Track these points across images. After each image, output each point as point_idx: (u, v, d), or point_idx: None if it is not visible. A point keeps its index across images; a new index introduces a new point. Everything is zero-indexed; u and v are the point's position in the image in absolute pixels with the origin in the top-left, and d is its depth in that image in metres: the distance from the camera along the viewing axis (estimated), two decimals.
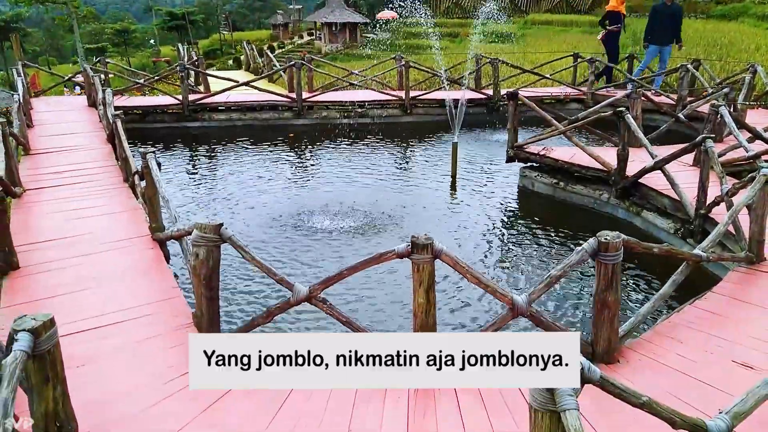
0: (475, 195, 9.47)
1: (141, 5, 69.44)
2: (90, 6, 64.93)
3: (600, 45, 16.33)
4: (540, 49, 30.12)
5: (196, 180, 10.77)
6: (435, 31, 36.55)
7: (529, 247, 7.41)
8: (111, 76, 16.12)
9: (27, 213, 6.89)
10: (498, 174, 10.36)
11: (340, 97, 14.14)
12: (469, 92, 13.71)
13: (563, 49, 28.17)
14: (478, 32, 40.79)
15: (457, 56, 23.30)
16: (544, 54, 22.41)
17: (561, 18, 38.11)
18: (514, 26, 39.39)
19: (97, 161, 8.97)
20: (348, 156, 11.97)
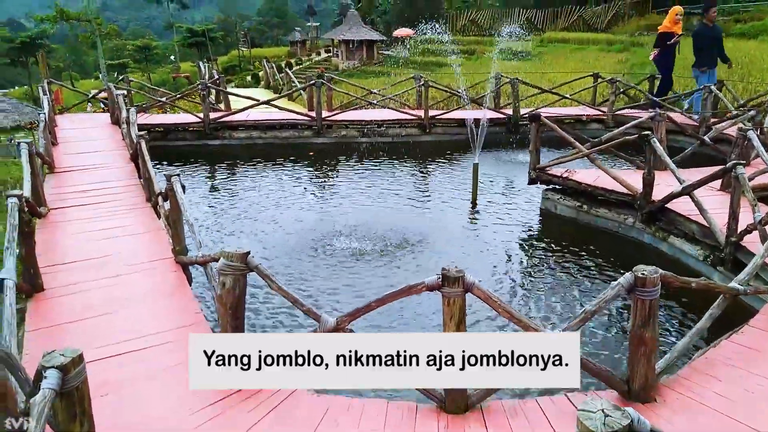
0: (496, 217, 9.35)
1: (162, 22, 70.42)
2: (112, 23, 66.07)
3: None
4: (557, 67, 30.04)
5: (216, 198, 10.77)
6: (455, 49, 36.69)
7: (553, 273, 7.28)
8: (136, 91, 16.29)
9: (52, 233, 6.90)
10: (519, 196, 10.24)
11: (359, 116, 14.15)
12: (488, 112, 13.64)
13: (580, 67, 28.06)
14: (494, 50, 40.83)
15: (474, 75, 23.27)
16: (562, 73, 22.30)
17: (577, 36, 38.01)
18: (531, 44, 39.43)
19: (120, 180, 9.00)
20: (367, 175, 11.93)
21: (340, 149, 13.62)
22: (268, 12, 76.05)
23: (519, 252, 8.11)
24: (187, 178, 11.79)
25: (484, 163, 12.14)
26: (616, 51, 33.73)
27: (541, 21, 42.91)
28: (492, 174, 11.62)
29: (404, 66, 42.29)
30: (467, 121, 11.50)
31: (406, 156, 13.08)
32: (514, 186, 10.90)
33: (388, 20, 50.62)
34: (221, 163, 12.96)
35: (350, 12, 47.92)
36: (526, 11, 43.90)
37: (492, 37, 42.78)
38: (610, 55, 33.06)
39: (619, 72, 25.06)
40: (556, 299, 6.53)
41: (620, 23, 38.94)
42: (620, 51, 33.55)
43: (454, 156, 13.10)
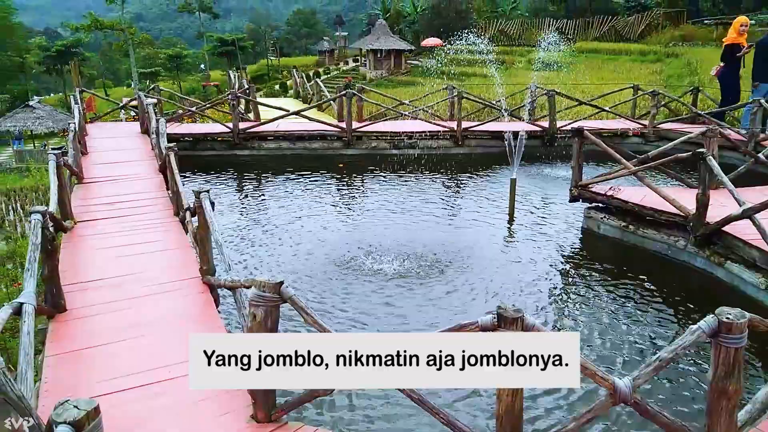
0: (535, 236, 8.90)
1: (193, 31, 71.40)
2: (146, 32, 67.11)
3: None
4: (589, 78, 29.42)
5: (244, 209, 10.53)
6: (493, 58, 36.21)
7: (598, 300, 6.81)
8: (166, 100, 16.22)
9: (76, 248, 6.67)
10: (559, 213, 9.77)
11: (389, 127, 13.82)
12: (524, 124, 13.22)
13: (613, 78, 27.43)
14: (527, 59, 40.32)
15: (508, 87, 22.84)
16: (596, 84, 21.73)
17: (609, 46, 37.30)
18: (562, 54, 38.83)
19: (148, 192, 8.78)
20: (398, 189, 11.58)
21: (370, 161, 13.30)
22: (297, 22, 76.55)
23: (559, 274, 7.65)
24: (214, 189, 11.62)
25: (520, 178, 11.69)
26: (650, 61, 32.98)
27: (572, 31, 42.24)
28: (528, 189, 11.18)
29: (432, 76, 42.12)
30: (506, 134, 11.08)
31: (438, 169, 12.70)
32: (552, 202, 10.43)
33: (417, 30, 50.41)
34: (250, 173, 12.74)
35: (378, 22, 47.87)
36: (556, 21, 43.32)
37: (522, 47, 42.33)
38: (644, 65, 32.33)
39: (655, 83, 24.39)
40: (605, 334, 6.04)
41: (654, 33, 38.11)
42: (654, 61, 32.80)
43: (488, 170, 12.68)
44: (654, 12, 39.34)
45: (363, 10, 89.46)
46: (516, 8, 48.36)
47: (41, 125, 34.37)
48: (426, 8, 49.86)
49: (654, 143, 12.76)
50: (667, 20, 38.56)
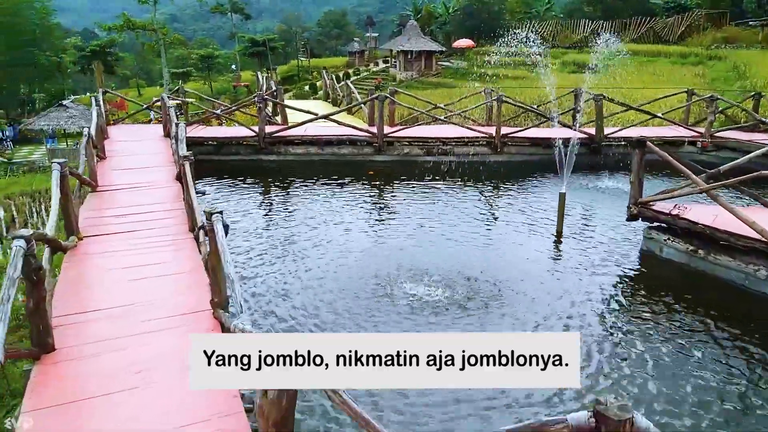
0: (586, 258, 7.89)
1: (225, 32, 71.31)
2: (180, 33, 67.22)
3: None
4: (628, 81, 28.07)
5: (268, 220, 9.74)
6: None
7: (663, 337, 5.81)
8: (191, 101, 15.55)
9: (79, 267, 5.92)
10: (613, 232, 8.72)
11: (423, 132, 12.88)
12: (568, 131, 12.17)
13: (654, 81, 26.03)
14: (559, 62, 39.03)
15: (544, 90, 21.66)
16: (639, 88, 20.43)
17: (648, 48, 35.72)
18: (597, 56, 37.33)
19: (163, 203, 8.01)
20: (431, 200, 10.65)
21: (401, 168, 12.41)
22: (328, 23, 75.95)
23: (615, 304, 6.67)
24: (238, 197, 10.87)
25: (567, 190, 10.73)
26: (691, 64, 31.41)
27: (608, 33, 40.69)
28: (576, 202, 10.15)
29: (465, 77, 40.98)
30: (555, 141, 10.02)
31: (474, 178, 11.74)
32: (604, 219, 9.37)
33: (448, 31, 49.38)
34: (275, 180, 11.95)
35: (410, 23, 46.97)
36: (592, 22, 41.85)
37: (555, 49, 40.93)
38: (685, 68, 30.80)
39: (699, 87, 22.99)
40: (670, 378, 5.07)
41: (694, 35, 36.42)
42: (695, 64, 31.22)
43: (529, 180, 11.67)
44: (695, 13, 37.66)
45: (393, 11, 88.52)
46: (550, 9, 46.98)
47: (74, 124, 34.24)
48: (458, 9, 48.77)
49: (712, 153, 11.64)
50: (708, 22, 36.86)
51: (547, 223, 9.11)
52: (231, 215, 9.83)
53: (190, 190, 6.69)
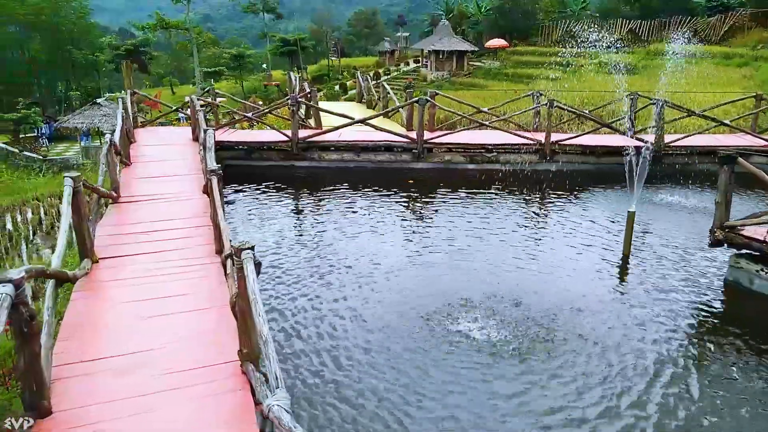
0: (659, 288, 6.82)
1: (257, 32, 70.90)
2: (213, 32, 67.09)
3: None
4: (673, 83, 26.59)
5: (298, 230, 8.89)
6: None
7: (751, 385, 4.77)
8: (221, 103, 14.78)
9: (89, 300, 5.09)
10: (689, 257, 7.60)
11: (465, 138, 11.85)
12: (624, 138, 11.05)
13: (700, 84, 24.51)
14: (595, 62, 37.52)
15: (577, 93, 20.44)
16: (687, 92, 19.05)
17: (689, 49, 34.01)
18: (635, 56, 35.72)
19: (189, 219, 7.18)
20: (476, 213, 9.64)
21: (442, 177, 11.43)
22: (358, 23, 75.10)
23: (695, 345, 5.62)
24: (268, 205, 10.04)
25: (622, 203, 9.63)
26: (736, 65, 29.74)
27: (646, 32, 39.07)
28: (639, 219, 9.04)
29: (495, 78, 39.71)
30: (627, 149, 8.84)
31: (523, 189, 10.71)
32: (676, 240, 8.22)
33: (480, 30, 48.09)
34: (308, 188, 11.09)
35: (442, 23, 45.88)
36: (629, 22, 40.19)
37: (592, 50, 39.37)
38: (730, 69, 29.16)
39: (749, 90, 21.46)
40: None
41: (738, 36, 34.58)
42: (740, 65, 29.56)
43: (583, 191, 10.57)
44: (739, 13, 35.81)
45: (423, 10, 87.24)
46: (585, 8, 45.36)
47: (107, 122, 34.08)
48: (490, 9, 47.44)
49: None
50: (753, 21, 34.99)
51: (609, 244, 8.05)
52: (260, 228, 9.01)
53: (217, 209, 5.82)
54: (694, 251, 7.62)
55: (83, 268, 5.47)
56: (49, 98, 49.07)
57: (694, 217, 9.00)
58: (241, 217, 9.43)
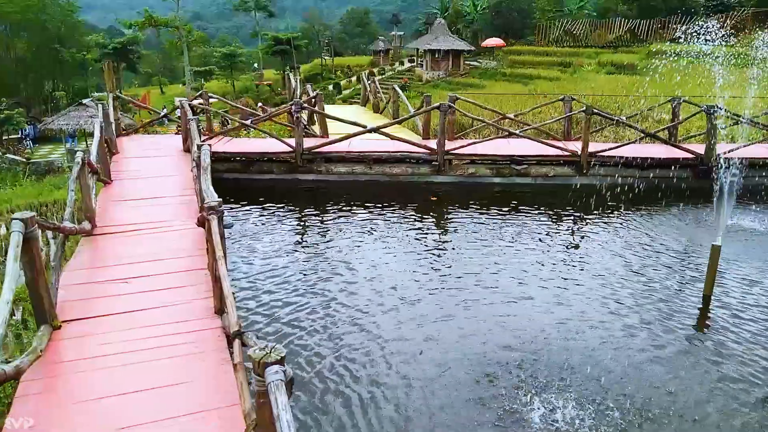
0: (751, 336, 5.45)
1: (248, 30, 68.98)
2: (203, 30, 65.10)
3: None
4: (670, 82, 25.32)
5: (300, 257, 7.45)
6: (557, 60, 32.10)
7: None
8: (213, 101, 13.23)
9: (40, 401, 3.61)
10: None
11: (491, 148, 10.38)
12: (669, 148, 9.68)
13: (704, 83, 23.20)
14: (594, 62, 36.16)
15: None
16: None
17: (690, 48, 32.84)
18: (636, 56, 34.50)
19: (180, 259, 5.69)
20: (504, 237, 8.18)
21: (467, 192, 10.00)
22: (350, 21, 73.42)
23: None
24: (271, 224, 8.57)
25: (684, 226, 8.26)
26: (741, 66, 28.63)
27: (645, 32, 37.87)
28: (697, 244, 7.66)
29: (492, 77, 38.35)
30: (718, 165, 7.31)
31: (556, 206, 9.32)
32: (760, 272, 6.84)
33: (476, 30, 46.72)
34: (314, 204, 9.61)
35: (437, 21, 44.41)
36: (628, 21, 38.98)
37: (590, 49, 38.12)
38: (736, 69, 27.98)
39: None
40: None
41: (740, 35, 33.47)
42: (746, 65, 28.45)
43: (629, 210, 9.15)
44: (740, 12, 34.71)
45: (416, 9, 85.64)
46: (583, 7, 44.10)
47: (93, 124, 32.37)
48: (486, 7, 46.07)
49: None
50: (755, 21, 33.91)
51: (678, 279, 6.66)
52: (263, 255, 7.56)
53: (217, 259, 4.34)
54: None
55: (40, 340, 3.97)
56: (36, 98, 46.99)
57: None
58: (240, 242, 7.95)
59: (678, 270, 7.01)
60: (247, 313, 5.96)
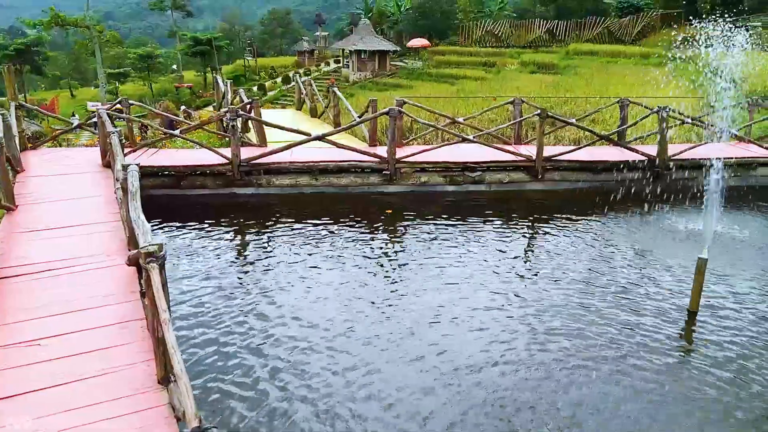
0: (743, 361, 5.06)
1: (164, 30, 65.61)
2: (114, 30, 61.10)
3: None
4: (593, 81, 25.86)
5: (242, 278, 6.49)
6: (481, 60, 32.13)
7: None
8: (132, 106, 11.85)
9: None
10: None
11: (444, 155, 9.71)
12: (622, 151, 9.40)
13: (631, 84, 23.77)
14: (517, 62, 36.66)
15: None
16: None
17: (607, 48, 33.87)
18: (556, 56, 35.21)
19: (106, 309, 4.61)
20: (466, 253, 7.49)
21: (419, 203, 9.30)
22: (272, 21, 71.39)
23: None
24: (205, 245, 7.53)
25: (635, 231, 7.92)
26: (654, 65, 29.70)
27: (563, 32, 38.82)
28: (656, 250, 7.31)
29: (419, 78, 38.13)
30: (714, 165, 6.75)
31: (513, 215, 8.77)
32: (746, 285, 6.49)
33: (400, 30, 46.43)
34: (254, 221, 8.56)
35: (362, 22, 43.76)
36: (547, 22, 39.84)
37: (512, 49, 38.64)
38: (649, 69, 28.96)
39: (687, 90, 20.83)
40: None
41: (650, 36, 34.89)
42: (658, 65, 29.55)
43: (586, 216, 8.75)
44: (649, 13, 36.22)
45: (337, 10, 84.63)
46: (503, 9, 44.72)
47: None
48: (410, 8, 45.85)
49: None
50: (663, 22, 35.47)
51: (648, 290, 6.24)
52: (197, 278, 6.53)
53: (162, 323, 3.36)
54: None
55: None
56: None
57: (742, 248, 7.38)
58: (170, 264, 6.85)
59: (641, 280, 6.60)
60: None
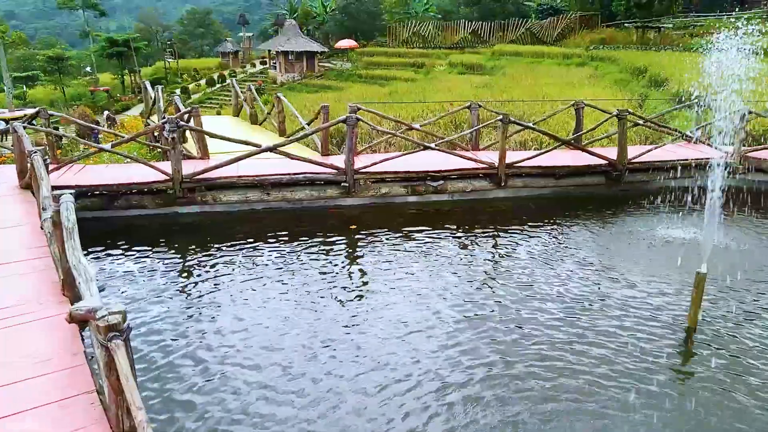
0: (750, 383, 4.79)
1: (74, 30, 61.22)
2: (19, 30, 56.28)
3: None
4: (522, 82, 26.10)
5: (186, 308, 5.62)
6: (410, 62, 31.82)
7: None
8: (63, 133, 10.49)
9: None
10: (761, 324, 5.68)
11: (404, 164, 9.09)
12: (583, 155, 9.16)
13: (553, 83, 24.08)
14: (446, 62, 36.69)
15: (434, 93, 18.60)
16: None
17: (530, 49, 34.56)
18: (482, 57, 35.54)
19: (44, 379, 3.64)
20: (432, 265, 6.96)
21: (381, 215, 8.66)
22: (191, 22, 68.34)
23: None
24: (143, 275, 6.56)
25: (600, 238, 7.65)
26: (575, 65, 30.50)
27: (487, 33, 39.33)
28: (624, 258, 7.05)
29: (348, 79, 37.46)
30: (714, 167, 6.23)
31: (476, 223, 8.31)
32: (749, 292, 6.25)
33: (327, 31, 45.57)
34: (199, 243, 7.57)
35: (288, 22, 42.56)
36: (471, 23, 40.25)
37: (439, 50, 38.71)
38: (572, 69, 29.69)
39: (607, 89, 21.39)
40: None
41: (570, 36, 35.91)
42: (579, 65, 30.34)
43: (549, 223, 8.38)
44: (569, 15, 37.30)
45: (259, 10, 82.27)
46: (427, 10, 44.80)
47: None
48: (335, 9, 45.05)
49: (749, 178, 9.27)
50: (581, 24, 36.66)
51: (635, 302, 5.92)
52: (134, 309, 5.59)
53: (133, 415, 2.52)
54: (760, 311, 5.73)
55: None
56: None
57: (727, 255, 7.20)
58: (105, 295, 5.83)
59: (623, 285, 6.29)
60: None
